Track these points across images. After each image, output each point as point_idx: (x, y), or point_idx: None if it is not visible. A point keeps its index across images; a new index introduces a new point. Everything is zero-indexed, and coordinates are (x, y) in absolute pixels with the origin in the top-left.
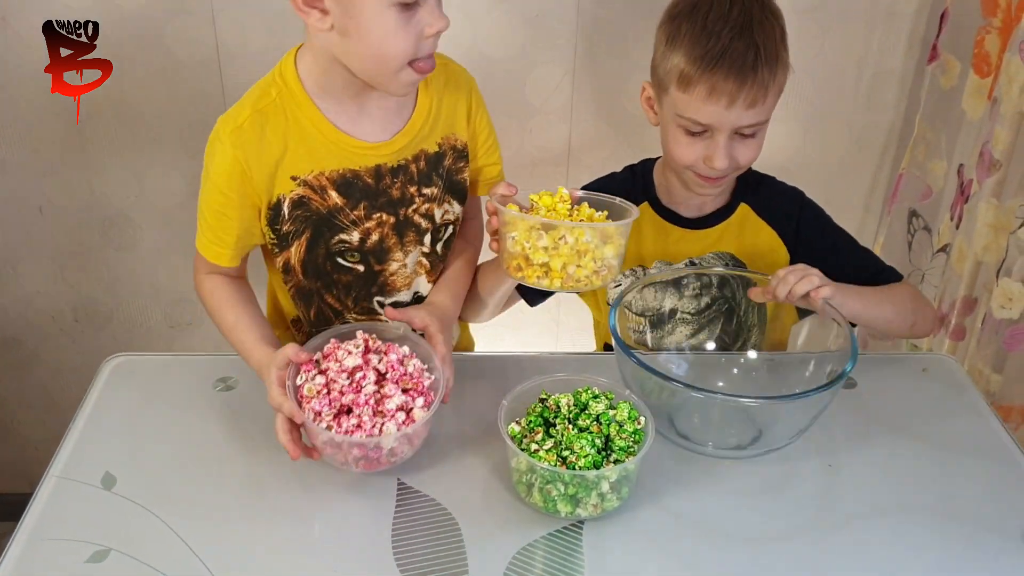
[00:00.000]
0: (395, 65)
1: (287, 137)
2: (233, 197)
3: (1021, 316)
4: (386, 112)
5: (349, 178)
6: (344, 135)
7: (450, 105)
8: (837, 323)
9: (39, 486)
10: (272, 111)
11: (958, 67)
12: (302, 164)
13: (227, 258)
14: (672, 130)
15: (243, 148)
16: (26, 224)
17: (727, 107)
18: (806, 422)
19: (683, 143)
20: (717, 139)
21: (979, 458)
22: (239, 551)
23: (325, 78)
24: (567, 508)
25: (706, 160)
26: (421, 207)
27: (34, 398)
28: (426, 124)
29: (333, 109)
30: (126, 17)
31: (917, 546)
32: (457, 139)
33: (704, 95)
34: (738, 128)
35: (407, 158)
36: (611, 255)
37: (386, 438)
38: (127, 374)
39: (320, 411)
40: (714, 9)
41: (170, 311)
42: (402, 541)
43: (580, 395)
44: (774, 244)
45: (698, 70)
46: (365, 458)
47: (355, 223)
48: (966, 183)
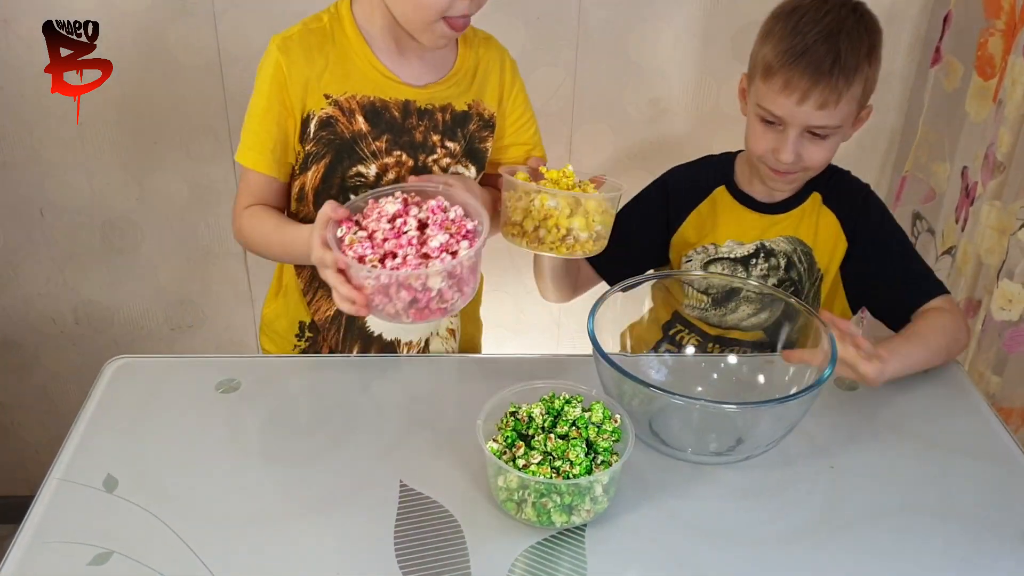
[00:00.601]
0: (431, 15)
1: (329, 56)
2: (274, 102)
3: (1021, 318)
4: (423, 63)
5: (378, 107)
6: (382, 65)
7: (484, 73)
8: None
9: (41, 489)
10: (321, 32)
11: (961, 69)
12: (337, 84)
13: (264, 164)
14: (751, 119)
15: (287, 54)
16: (27, 226)
17: (798, 103)
18: (785, 428)
19: (758, 132)
20: (788, 132)
21: (981, 460)
22: (241, 553)
23: (372, 18)
24: (562, 518)
25: (775, 152)
26: (442, 159)
27: (35, 401)
28: (460, 83)
29: (376, 46)
30: (128, 20)
31: (918, 547)
32: (485, 108)
33: (780, 87)
34: (808, 127)
35: (435, 104)
36: (578, 227)
37: (433, 274)
38: (128, 376)
39: (364, 256)
40: (809, 13)
41: (171, 313)
42: (404, 543)
43: (551, 402)
44: (836, 234)
45: (779, 63)
46: (415, 303)
47: (375, 155)
48: (971, 185)
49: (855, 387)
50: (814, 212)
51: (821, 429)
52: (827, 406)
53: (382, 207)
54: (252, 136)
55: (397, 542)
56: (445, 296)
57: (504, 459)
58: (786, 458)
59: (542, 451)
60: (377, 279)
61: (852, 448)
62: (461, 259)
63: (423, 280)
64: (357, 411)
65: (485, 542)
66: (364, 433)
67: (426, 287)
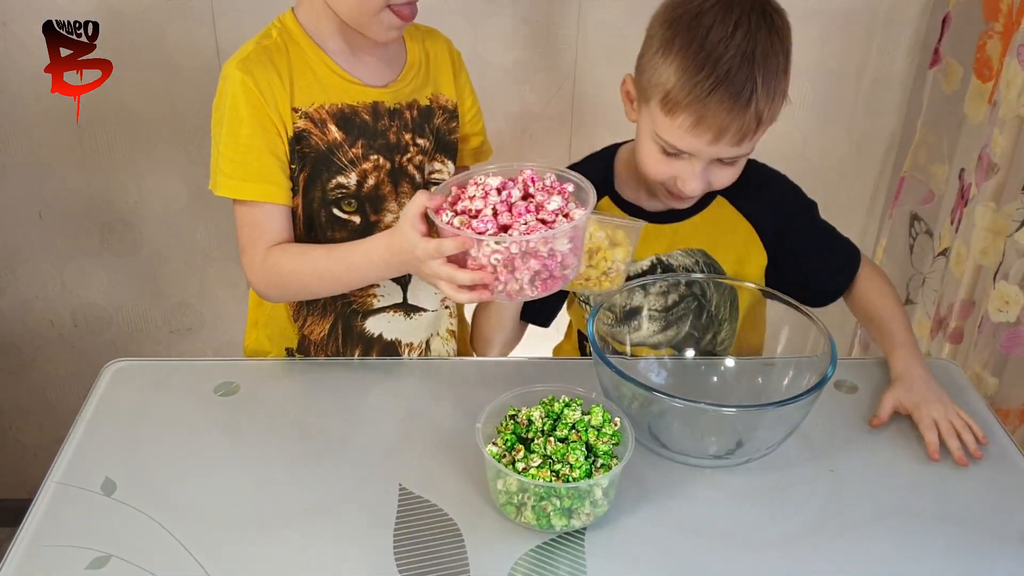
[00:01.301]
0: (375, 6)
1: (291, 71)
2: (259, 124)
3: (1018, 319)
4: (378, 61)
5: (348, 113)
6: (343, 70)
7: (436, 64)
8: (816, 328)
9: (39, 492)
10: (274, 48)
11: (960, 71)
12: (303, 96)
13: (274, 192)
14: (647, 143)
15: (251, 73)
16: (25, 228)
17: (711, 142)
18: (784, 431)
19: (657, 160)
20: (693, 165)
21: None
22: (240, 557)
23: (319, 23)
24: (562, 521)
25: (679, 181)
26: (415, 157)
27: (33, 404)
28: (417, 76)
29: (330, 50)
30: (126, 21)
31: (919, 549)
32: (447, 99)
33: (689, 126)
34: (719, 158)
35: (402, 103)
36: (620, 258)
37: (560, 235)
38: (127, 379)
39: (484, 231)
40: (716, 27)
41: (170, 316)
42: (404, 547)
43: (551, 405)
44: (750, 241)
45: (686, 97)
46: (542, 272)
47: (353, 163)
48: (966, 187)
49: (855, 390)
50: (719, 219)
51: (821, 432)
52: (827, 409)
53: (484, 183)
54: (245, 166)
55: (396, 546)
56: (567, 262)
57: (504, 462)
58: (786, 461)
59: (542, 454)
60: (507, 250)
61: (852, 451)
62: (582, 219)
63: (551, 244)
64: (356, 414)
65: (484, 546)
66: (363, 436)
67: (552, 252)
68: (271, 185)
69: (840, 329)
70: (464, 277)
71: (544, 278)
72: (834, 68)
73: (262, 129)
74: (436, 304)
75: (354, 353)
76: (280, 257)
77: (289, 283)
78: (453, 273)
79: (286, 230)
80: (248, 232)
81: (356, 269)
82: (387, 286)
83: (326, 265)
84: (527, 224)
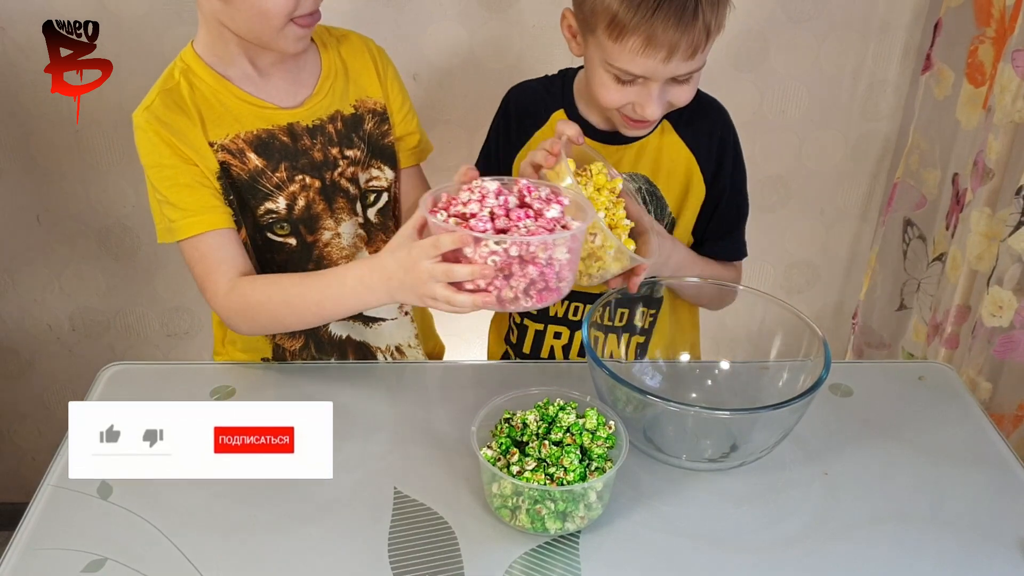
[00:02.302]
0: (277, 23)
1: (198, 108)
2: (178, 161)
3: (1011, 324)
4: (288, 79)
5: (264, 138)
6: (252, 96)
7: (356, 68)
8: (810, 331)
9: (35, 495)
10: (178, 89)
11: (952, 77)
12: (216, 130)
13: (217, 219)
14: (599, 74)
15: (159, 119)
16: (23, 233)
17: (665, 60)
18: (779, 434)
19: (611, 89)
20: (650, 88)
21: (975, 466)
22: (235, 561)
23: (220, 48)
24: (556, 524)
25: (637, 107)
26: (347, 170)
27: (31, 407)
28: (335, 85)
29: (236, 76)
30: (124, 26)
31: (913, 554)
32: (375, 102)
33: (639, 47)
34: (674, 77)
35: (322, 118)
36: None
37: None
38: (124, 383)
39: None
40: None
41: (167, 320)
42: (398, 550)
43: (546, 409)
44: (691, 170)
45: (633, 18)
46: (538, 282)
47: (279, 187)
48: (961, 192)
49: (850, 393)
50: (662, 144)
51: (815, 435)
52: (821, 412)
53: (482, 186)
54: (181, 207)
55: (391, 549)
56: (563, 274)
57: (498, 466)
58: (780, 464)
59: (536, 458)
60: (505, 252)
61: (846, 454)
62: (581, 228)
63: (551, 251)
64: (351, 417)
65: (479, 549)
66: (358, 439)
67: (551, 260)
68: (210, 213)
69: (835, 333)
70: (463, 271)
71: (540, 288)
72: (829, 73)
73: (185, 165)
74: (395, 311)
75: (331, 359)
76: (248, 287)
77: (258, 314)
78: (450, 268)
79: (240, 255)
80: (203, 267)
81: (330, 297)
82: None
83: (298, 292)
84: (527, 229)
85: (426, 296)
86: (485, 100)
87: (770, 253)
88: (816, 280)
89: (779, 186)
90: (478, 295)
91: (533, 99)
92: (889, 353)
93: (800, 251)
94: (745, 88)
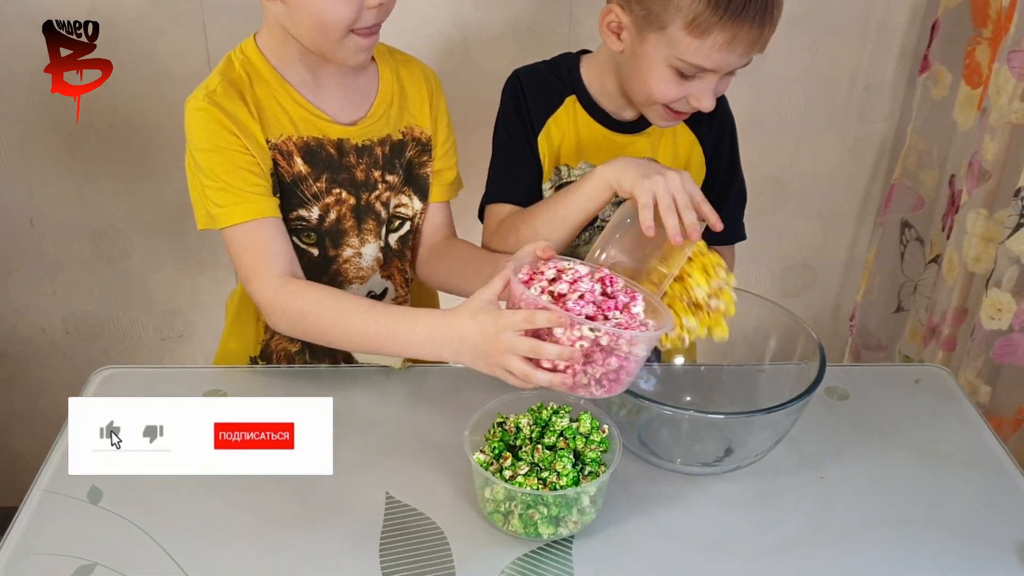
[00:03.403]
0: (336, 33)
1: (257, 104)
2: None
3: (1010, 327)
4: (344, 89)
5: (313, 146)
6: (309, 103)
7: (412, 95)
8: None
9: (25, 500)
10: (239, 81)
11: (949, 78)
12: (272, 128)
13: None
14: (659, 69)
15: (221, 106)
16: (16, 236)
17: (743, 55)
18: (774, 438)
19: (671, 82)
20: (709, 79)
21: (972, 469)
22: (225, 566)
23: (282, 51)
24: (549, 529)
25: (691, 100)
26: (383, 194)
27: (24, 412)
28: (390, 110)
29: (295, 81)
30: (118, 29)
31: (910, 558)
32: (421, 131)
33: (723, 43)
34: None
35: (372, 140)
36: None
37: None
38: (116, 386)
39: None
40: None
41: (161, 323)
42: (390, 555)
43: (539, 412)
44: (696, 159)
45: (723, 16)
46: (614, 373)
47: (316, 197)
48: (957, 194)
49: (846, 396)
50: (672, 131)
51: (810, 439)
52: (816, 416)
53: (575, 269)
54: (233, 190)
55: (383, 554)
56: (632, 370)
57: (491, 470)
58: (775, 468)
59: (529, 462)
60: (596, 340)
61: (842, 458)
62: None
63: (635, 347)
64: (343, 421)
65: (472, 554)
66: (350, 444)
67: (630, 355)
68: (264, 202)
69: (832, 335)
70: (551, 351)
71: (611, 379)
72: (826, 74)
73: (243, 153)
74: None
75: (323, 362)
76: (305, 291)
77: (306, 321)
78: (538, 346)
79: (290, 250)
80: (252, 256)
81: (392, 336)
82: None
83: (360, 319)
84: (617, 321)
85: (500, 367)
86: (480, 102)
87: (767, 255)
88: (813, 282)
89: (776, 188)
90: (556, 375)
91: (544, 83)
92: (886, 356)
93: (797, 253)
94: (741, 90)
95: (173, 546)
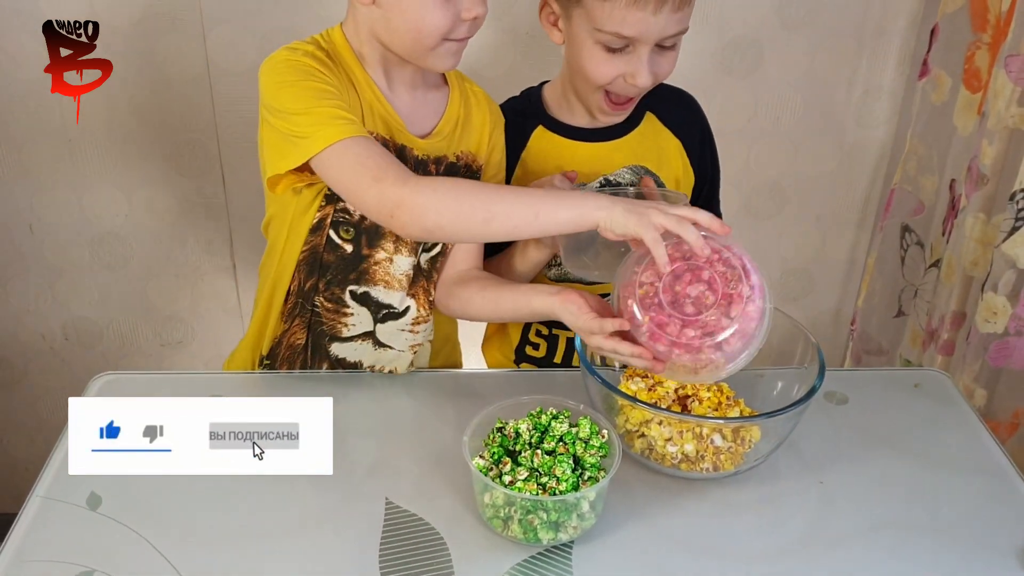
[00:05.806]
0: (431, 41)
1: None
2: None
3: (1005, 330)
4: (412, 100)
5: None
6: (389, 104)
7: (477, 123)
8: (805, 338)
9: (24, 506)
10: (327, 58)
11: (949, 82)
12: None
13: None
14: (588, 47)
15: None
16: (16, 242)
17: (655, 12)
18: (773, 443)
19: (601, 60)
20: (640, 52)
21: (972, 473)
22: (225, 572)
23: (364, 51)
24: (549, 535)
25: (628, 77)
26: None
27: (24, 418)
28: (453, 132)
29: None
30: (116, 34)
31: (910, 562)
32: (473, 159)
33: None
34: (662, 38)
35: (430, 155)
36: None
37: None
38: (116, 392)
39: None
40: None
41: (160, 329)
42: (390, 561)
43: (538, 417)
44: (681, 159)
45: None
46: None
47: None
48: (957, 198)
49: (845, 401)
50: (653, 133)
51: (810, 444)
52: (816, 420)
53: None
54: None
55: (382, 560)
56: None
57: (490, 475)
58: (775, 473)
59: (529, 467)
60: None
61: (841, 463)
62: None
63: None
64: (343, 427)
65: (471, 560)
66: (350, 449)
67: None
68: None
69: (833, 340)
70: (625, 350)
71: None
72: (824, 79)
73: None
74: (404, 346)
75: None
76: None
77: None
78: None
79: None
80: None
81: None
82: (360, 314)
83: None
84: None
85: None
86: None
87: (766, 260)
88: (813, 287)
89: (775, 193)
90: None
91: (509, 124)
92: (888, 360)
93: (796, 258)
94: (740, 95)
95: (172, 552)
